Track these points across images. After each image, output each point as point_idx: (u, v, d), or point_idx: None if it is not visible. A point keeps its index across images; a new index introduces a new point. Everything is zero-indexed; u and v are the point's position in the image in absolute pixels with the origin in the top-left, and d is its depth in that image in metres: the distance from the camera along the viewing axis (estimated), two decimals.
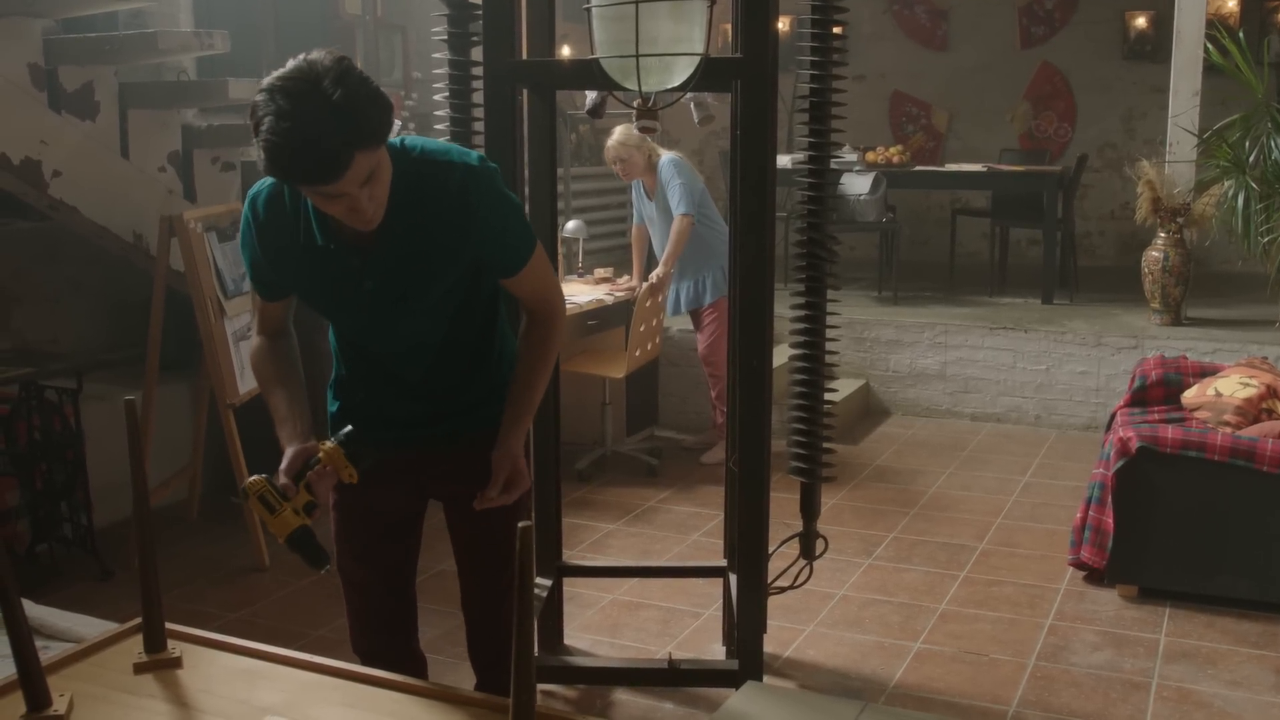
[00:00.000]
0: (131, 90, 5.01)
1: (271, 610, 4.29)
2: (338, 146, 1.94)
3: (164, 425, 5.04)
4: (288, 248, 2.25)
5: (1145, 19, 9.69)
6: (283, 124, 1.92)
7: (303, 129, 1.92)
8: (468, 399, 2.41)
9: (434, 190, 2.18)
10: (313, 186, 2.02)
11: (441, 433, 2.41)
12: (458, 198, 2.19)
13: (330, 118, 1.93)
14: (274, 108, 1.93)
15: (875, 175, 7.83)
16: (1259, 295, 6.84)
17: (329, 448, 2.21)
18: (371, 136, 1.99)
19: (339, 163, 1.95)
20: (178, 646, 2.07)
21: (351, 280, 2.23)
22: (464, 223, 2.20)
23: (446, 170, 2.20)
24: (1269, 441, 4.21)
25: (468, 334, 2.37)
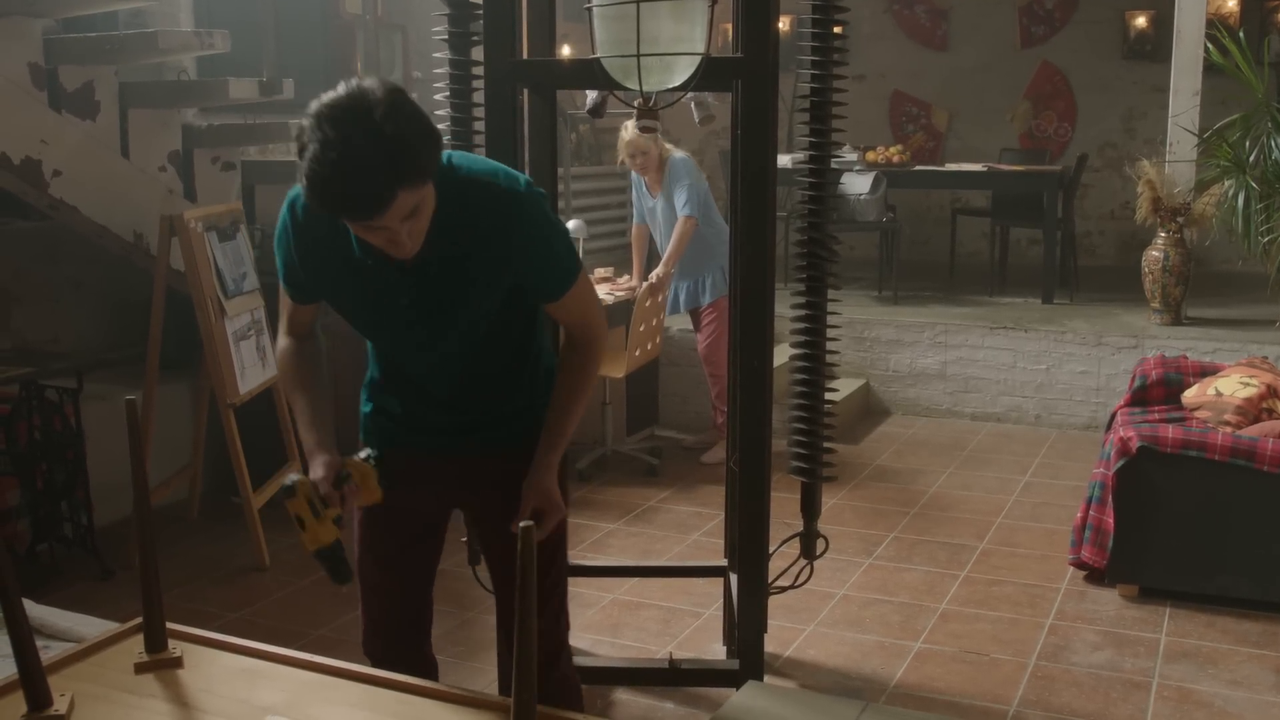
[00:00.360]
0: (132, 90, 5.02)
1: (272, 610, 4.29)
2: (382, 184, 1.89)
3: (164, 425, 5.05)
4: (325, 257, 2.21)
5: (1145, 18, 9.69)
6: (328, 154, 1.87)
7: (348, 162, 1.87)
8: (501, 412, 2.38)
9: (479, 212, 2.14)
10: (352, 221, 1.99)
11: (473, 443, 2.38)
12: (503, 222, 2.15)
13: (378, 152, 1.87)
14: (320, 136, 1.88)
15: (875, 175, 7.83)
16: (1259, 295, 6.83)
17: (361, 466, 2.20)
18: (419, 174, 1.95)
19: (381, 200, 1.90)
20: (178, 646, 2.07)
21: (389, 296, 2.19)
22: (507, 247, 2.16)
23: (493, 193, 2.16)
24: (1269, 441, 4.21)
25: (503, 352, 2.34)
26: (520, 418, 2.38)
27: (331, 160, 1.87)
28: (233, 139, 5.51)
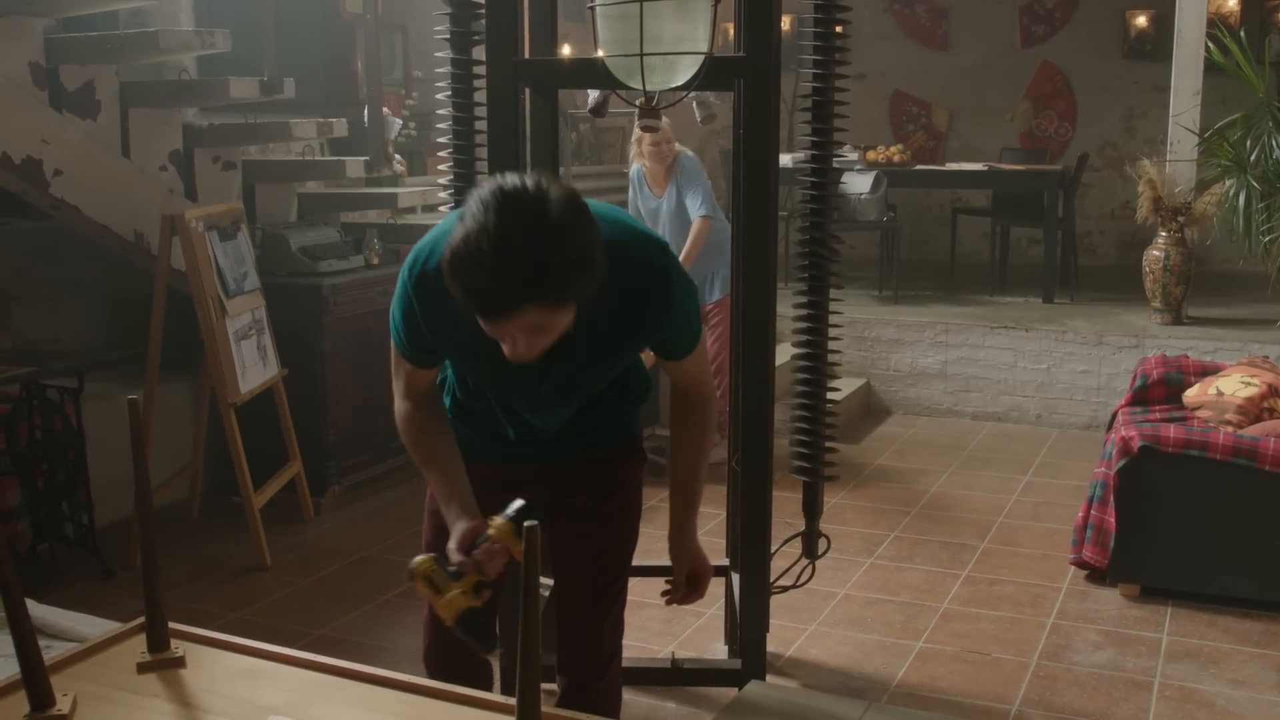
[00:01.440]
0: (133, 89, 5.01)
1: (273, 609, 4.29)
2: (514, 290, 1.81)
3: (165, 424, 5.04)
4: (453, 321, 2.04)
5: (1146, 18, 9.69)
6: (480, 240, 1.78)
7: (490, 260, 1.78)
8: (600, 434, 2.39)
9: (623, 280, 2.04)
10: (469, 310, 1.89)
11: (564, 452, 2.36)
12: (656, 298, 2.11)
13: (522, 262, 1.78)
14: (483, 219, 1.79)
15: (876, 174, 7.83)
16: (1260, 294, 6.84)
17: (500, 524, 2.11)
18: (557, 296, 1.85)
19: (509, 306, 1.83)
20: (181, 646, 2.06)
21: (527, 379, 2.15)
22: (655, 322, 2.13)
23: (634, 255, 2.08)
24: (1271, 441, 4.21)
25: (611, 394, 2.35)
26: (612, 428, 2.38)
27: (478, 247, 1.78)
28: (233, 138, 5.51)
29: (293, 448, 5.09)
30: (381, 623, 4.18)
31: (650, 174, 5.94)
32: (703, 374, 2.36)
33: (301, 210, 6.12)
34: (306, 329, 5.23)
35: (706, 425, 2.38)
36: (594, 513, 2.37)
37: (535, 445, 2.35)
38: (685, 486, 2.36)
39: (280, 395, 5.02)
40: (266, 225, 5.53)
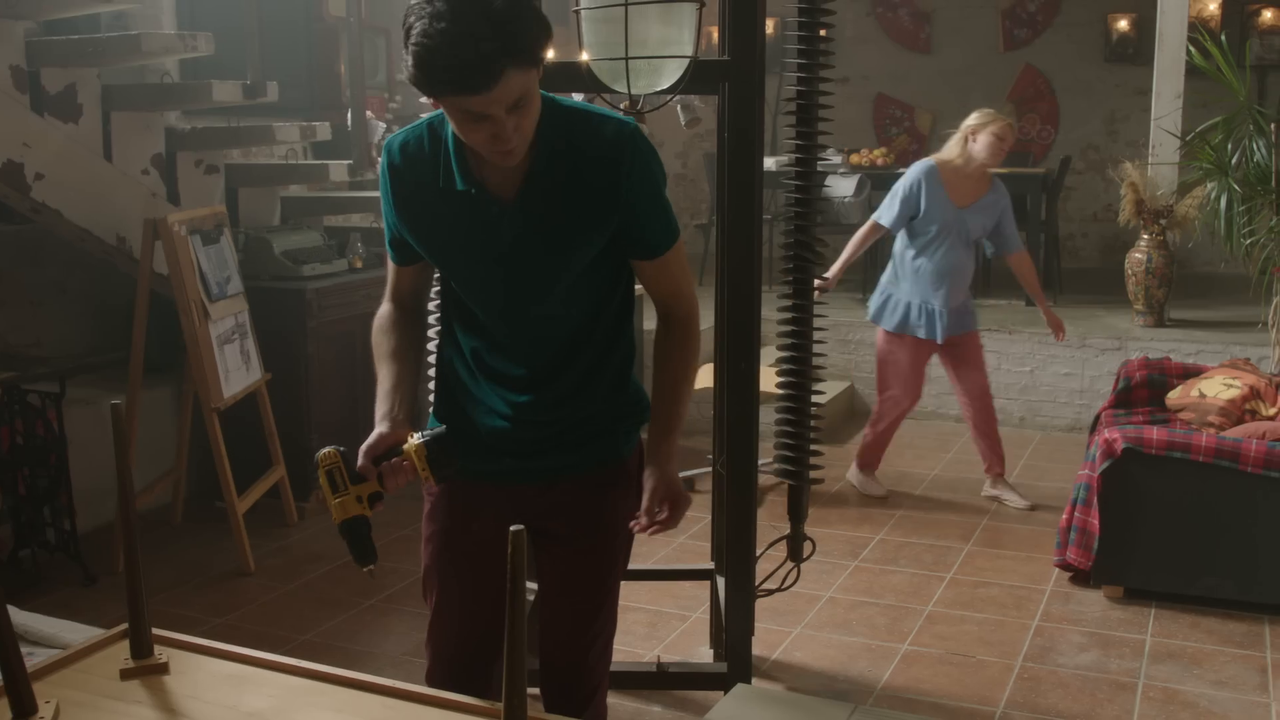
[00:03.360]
0: (114, 92, 4.99)
1: (257, 615, 4.28)
2: (492, 54, 1.84)
3: (147, 429, 5.03)
4: (425, 195, 2.14)
5: (1127, 22, 9.74)
6: (437, 25, 1.84)
7: (458, 33, 1.83)
8: (579, 430, 2.27)
9: (586, 137, 2.09)
10: (459, 97, 1.90)
11: (544, 468, 2.28)
12: (612, 149, 2.09)
13: (488, 25, 1.84)
14: (430, 9, 1.85)
15: (859, 177, 7.85)
16: (1242, 296, 6.86)
17: (414, 446, 2.08)
18: (528, 53, 1.89)
19: (491, 72, 1.85)
20: (164, 652, 2.05)
21: (491, 230, 2.11)
22: (618, 180, 2.10)
23: (600, 120, 2.11)
24: (1253, 442, 4.23)
25: (593, 344, 2.24)
26: (595, 440, 2.29)
27: (440, 29, 1.84)
28: (216, 142, 5.49)
29: (276, 452, 5.08)
30: (366, 628, 4.16)
31: (960, 176, 5.29)
32: (683, 284, 2.27)
33: (285, 214, 6.10)
34: (290, 333, 5.22)
35: (689, 345, 2.28)
36: (580, 543, 2.31)
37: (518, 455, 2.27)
38: (666, 405, 2.24)
39: (263, 400, 5.00)
40: (249, 229, 5.51)
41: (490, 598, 2.33)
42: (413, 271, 2.31)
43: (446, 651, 2.40)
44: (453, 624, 2.39)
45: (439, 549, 2.35)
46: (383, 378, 2.24)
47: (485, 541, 2.29)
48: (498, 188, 2.11)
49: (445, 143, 2.11)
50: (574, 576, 2.35)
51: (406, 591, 4.35)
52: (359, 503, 2.10)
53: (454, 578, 2.36)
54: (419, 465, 2.08)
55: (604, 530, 2.34)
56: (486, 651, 2.40)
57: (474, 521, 2.31)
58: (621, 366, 2.30)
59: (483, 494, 2.30)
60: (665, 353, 2.28)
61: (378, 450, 2.10)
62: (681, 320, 2.28)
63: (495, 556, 2.26)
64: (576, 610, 2.38)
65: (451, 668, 2.38)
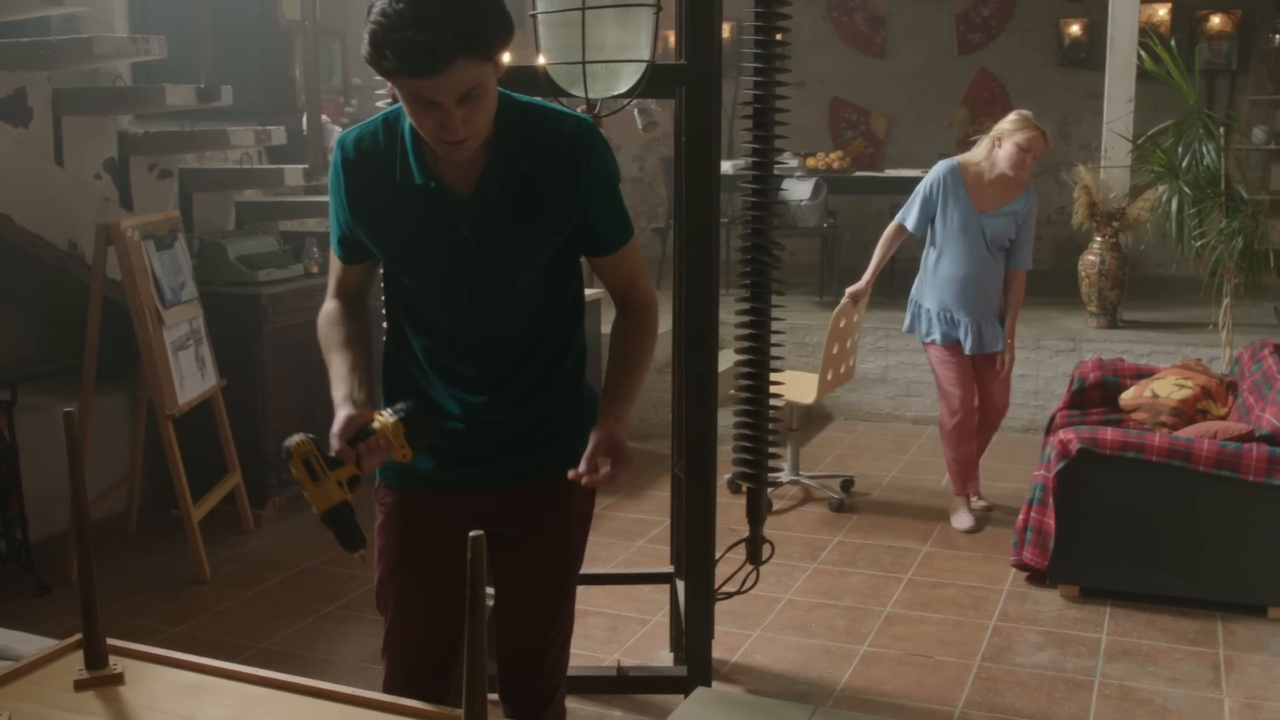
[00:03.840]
0: (66, 96, 4.94)
1: (214, 623, 4.24)
2: (443, 39, 1.85)
3: (101, 436, 4.97)
4: (380, 191, 2.13)
5: (1079, 26, 9.84)
6: (396, 5, 1.86)
7: (414, 15, 1.85)
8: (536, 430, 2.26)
9: (543, 134, 2.10)
10: (407, 80, 1.91)
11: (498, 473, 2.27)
12: (569, 147, 2.11)
13: (446, 10, 1.85)
14: None
15: (816, 181, 7.89)
16: (1192, 298, 6.95)
17: (387, 422, 2.06)
18: (481, 45, 1.90)
19: (439, 58, 1.86)
20: (119, 662, 2.03)
21: (448, 224, 2.10)
22: (576, 178, 2.11)
23: (558, 118, 2.13)
24: (1205, 442, 4.28)
25: (547, 344, 2.24)
26: (552, 445, 2.27)
27: (398, 10, 1.85)
28: (170, 146, 5.44)
29: (232, 459, 5.03)
30: (325, 635, 4.14)
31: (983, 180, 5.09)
32: (639, 277, 2.28)
33: (240, 219, 6.06)
34: (245, 339, 5.18)
35: (647, 329, 2.28)
36: (535, 547, 2.30)
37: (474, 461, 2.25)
38: (620, 376, 2.22)
39: (219, 406, 4.96)
40: (204, 234, 5.47)
41: (446, 606, 2.32)
42: (359, 270, 2.30)
43: (404, 661, 2.39)
44: (410, 634, 2.37)
45: (393, 560, 2.34)
46: (337, 363, 2.22)
47: (440, 551, 2.28)
48: (455, 182, 2.10)
49: (402, 137, 2.11)
50: (530, 580, 2.34)
51: (365, 598, 4.32)
52: (340, 488, 2.07)
53: (410, 588, 2.34)
54: (396, 442, 2.07)
55: (559, 534, 2.34)
56: (443, 659, 2.39)
57: (428, 531, 2.30)
58: (575, 368, 2.30)
59: (436, 503, 2.28)
60: (623, 332, 2.28)
61: (349, 432, 2.07)
62: (641, 310, 2.29)
63: (449, 565, 2.26)
64: (533, 614, 2.37)
65: (409, 676, 2.37)
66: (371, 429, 2.07)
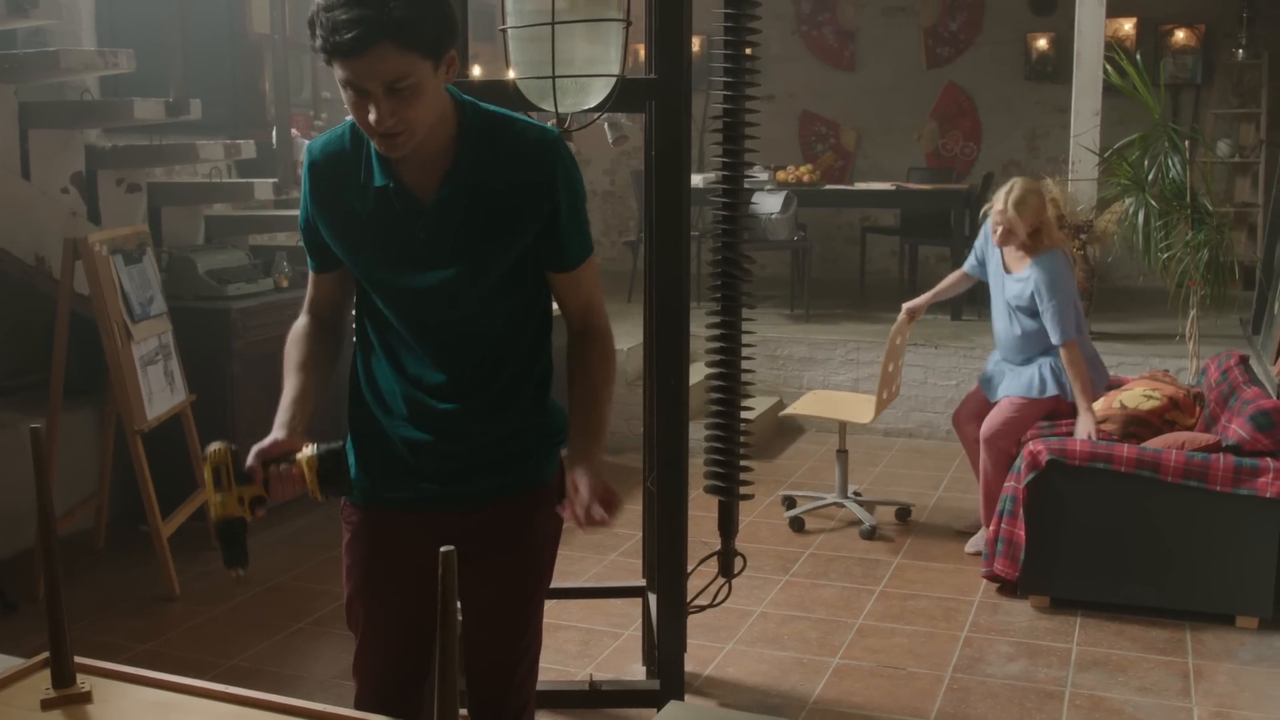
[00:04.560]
0: (33, 109, 4.91)
1: (183, 640, 4.21)
2: (364, 19, 1.87)
3: (69, 453, 4.93)
4: (343, 193, 2.14)
5: (1046, 41, 9.92)
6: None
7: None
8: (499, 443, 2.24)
9: (509, 143, 2.11)
10: (334, 60, 1.94)
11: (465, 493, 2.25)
12: (535, 157, 2.11)
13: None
14: None
15: (786, 194, 7.91)
16: (1160, 309, 7.01)
17: (306, 457, 2.06)
18: (408, 34, 1.91)
19: (359, 39, 1.88)
20: (87, 680, 2.01)
21: (405, 228, 2.10)
22: (539, 184, 2.11)
23: (524, 127, 2.14)
24: (1173, 452, 4.31)
25: (513, 357, 2.23)
26: (519, 463, 2.27)
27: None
28: (138, 160, 5.41)
29: (202, 475, 4.99)
30: (296, 651, 4.11)
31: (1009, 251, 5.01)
32: (596, 297, 2.28)
33: (209, 233, 6.03)
34: (215, 353, 5.15)
35: (606, 355, 2.27)
36: (504, 564, 2.29)
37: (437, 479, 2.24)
38: (589, 410, 2.22)
39: (188, 421, 4.93)
40: (173, 248, 5.44)
41: (415, 624, 2.32)
42: (332, 280, 2.29)
43: (374, 678, 2.38)
44: (379, 652, 2.37)
45: (361, 579, 2.33)
46: (288, 388, 2.22)
47: (407, 569, 2.28)
48: (416, 187, 2.10)
49: (367, 140, 2.11)
50: (499, 598, 2.33)
51: (335, 615, 4.30)
52: (240, 504, 2.08)
53: (378, 608, 2.33)
54: (308, 477, 2.07)
55: (529, 551, 2.33)
56: (414, 677, 2.38)
57: (394, 550, 2.29)
58: (542, 384, 2.30)
59: (403, 522, 2.27)
60: (583, 361, 2.27)
61: (270, 454, 2.09)
62: (597, 333, 2.28)
63: (417, 583, 2.27)
64: (502, 630, 2.36)
65: (379, 695, 2.36)
66: (292, 457, 2.08)
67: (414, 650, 2.34)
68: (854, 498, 5.56)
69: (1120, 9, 8.85)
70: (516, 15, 2.72)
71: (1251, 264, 7.74)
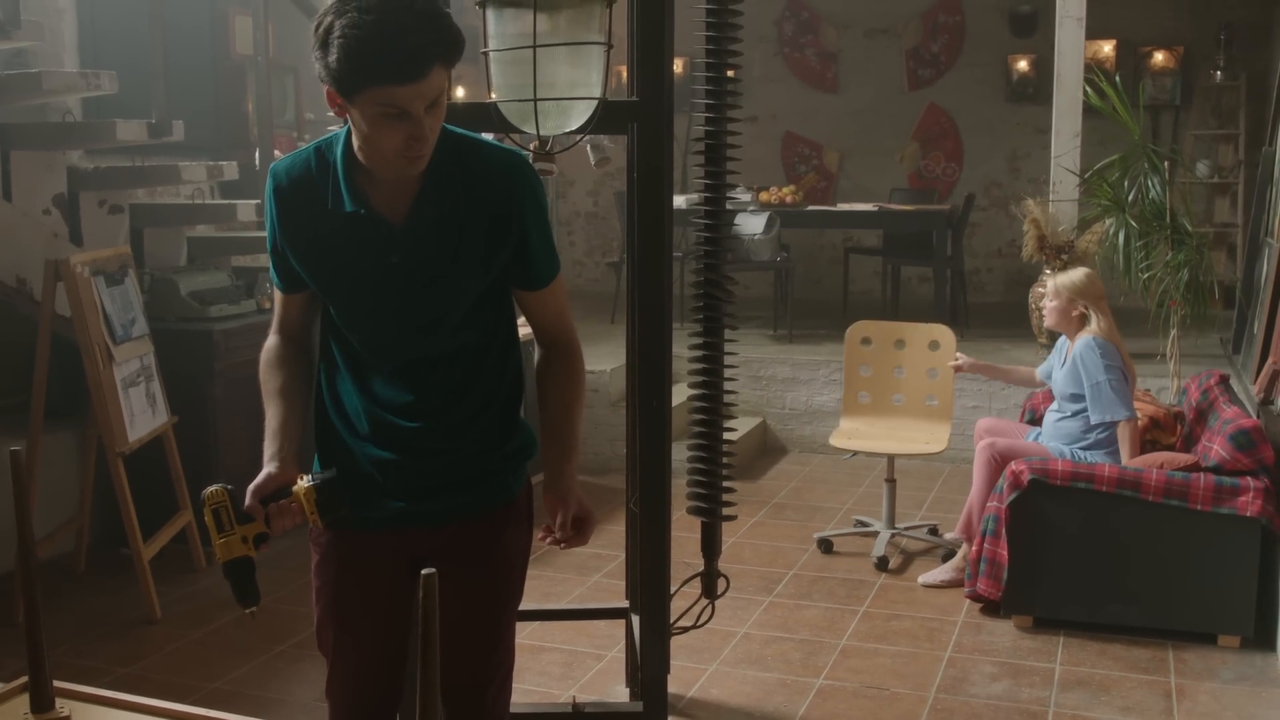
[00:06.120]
0: (14, 131, 4.90)
1: (164, 664, 4.18)
2: (424, 44, 1.91)
3: (50, 475, 4.90)
4: (311, 218, 2.13)
5: (1027, 62, 9.98)
6: (366, 18, 1.90)
7: (390, 24, 1.90)
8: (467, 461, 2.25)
9: (479, 167, 2.13)
10: (387, 88, 1.93)
11: (433, 510, 2.26)
12: (504, 179, 2.14)
13: (416, 17, 1.92)
14: (353, 5, 1.91)
15: (769, 215, 7.94)
16: (1140, 329, 7.04)
17: (303, 487, 2.08)
18: (453, 50, 1.97)
19: (421, 61, 1.92)
20: (66, 705, 2.00)
21: (378, 252, 2.11)
22: (509, 210, 2.14)
23: (491, 150, 2.16)
24: (1154, 472, 4.33)
25: (481, 376, 2.24)
26: (488, 481, 2.28)
27: (370, 23, 1.90)
28: (121, 181, 5.40)
29: (183, 497, 4.98)
30: (278, 675, 4.09)
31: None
32: (565, 313, 2.31)
33: (191, 254, 6.02)
34: (197, 375, 5.13)
35: (575, 371, 2.31)
36: (474, 581, 2.28)
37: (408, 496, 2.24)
38: (562, 429, 2.27)
39: (170, 443, 4.91)
40: (155, 270, 5.42)
41: (385, 643, 2.34)
42: (300, 300, 2.28)
43: (347, 700, 2.38)
44: (351, 674, 2.37)
45: (330, 601, 2.33)
46: (271, 416, 2.22)
47: (378, 589, 2.29)
48: (387, 211, 2.11)
49: (334, 165, 2.11)
50: (469, 614, 2.32)
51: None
52: (244, 543, 2.10)
53: (349, 629, 2.33)
54: (307, 508, 2.08)
55: (498, 568, 2.34)
56: (387, 698, 2.39)
57: (364, 570, 2.29)
58: (510, 402, 2.31)
59: (371, 542, 2.27)
60: (554, 379, 2.30)
61: (266, 490, 2.09)
62: (566, 347, 2.31)
63: (388, 603, 2.29)
64: (473, 647, 2.35)
65: (353, 715, 2.37)
66: (288, 490, 2.09)
67: (386, 670, 2.35)
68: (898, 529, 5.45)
69: (1100, 31, 8.91)
70: (498, 38, 2.73)
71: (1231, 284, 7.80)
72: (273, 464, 2.13)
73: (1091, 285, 4.91)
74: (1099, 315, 4.88)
